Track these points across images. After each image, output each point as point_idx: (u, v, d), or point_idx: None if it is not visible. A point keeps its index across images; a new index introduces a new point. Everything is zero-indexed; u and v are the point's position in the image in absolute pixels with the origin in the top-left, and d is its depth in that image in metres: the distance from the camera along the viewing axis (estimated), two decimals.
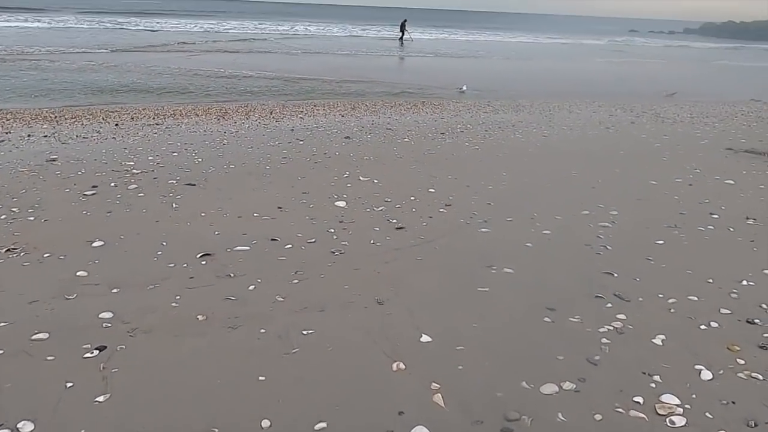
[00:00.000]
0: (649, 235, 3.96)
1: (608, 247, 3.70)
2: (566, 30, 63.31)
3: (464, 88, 14.58)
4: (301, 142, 7.12)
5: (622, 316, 2.75)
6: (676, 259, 3.50)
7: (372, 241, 3.77)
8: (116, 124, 8.21)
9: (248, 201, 4.60)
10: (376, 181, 5.25)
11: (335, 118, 9.43)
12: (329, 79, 15.87)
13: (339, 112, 10.06)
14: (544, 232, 4.00)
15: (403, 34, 33.15)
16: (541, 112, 10.65)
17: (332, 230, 3.97)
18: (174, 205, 4.44)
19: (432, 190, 4.97)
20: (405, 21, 34.21)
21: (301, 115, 9.65)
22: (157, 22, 37.94)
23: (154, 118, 8.86)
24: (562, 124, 9.12)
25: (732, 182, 5.43)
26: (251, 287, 3.05)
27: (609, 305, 2.87)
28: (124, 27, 33.04)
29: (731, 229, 4.08)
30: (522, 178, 5.53)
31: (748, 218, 4.30)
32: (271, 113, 9.79)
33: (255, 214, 4.26)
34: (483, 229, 4.05)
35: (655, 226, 4.13)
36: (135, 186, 4.93)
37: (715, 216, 4.36)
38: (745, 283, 3.14)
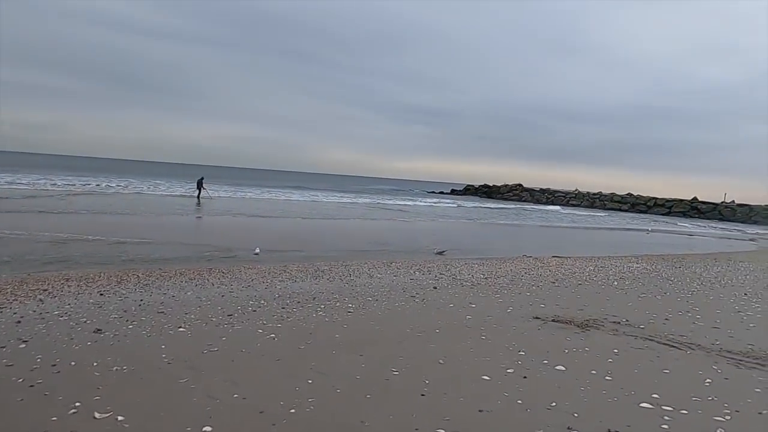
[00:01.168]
0: None
1: None
2: (353, 189, 68.25)
3: (257, 250, 13.42)
4: (24, 345, 5.01)
5: None
6: None
7: None
8: None
9: None
10: (121, 418, 3.48)
11: (91, 297, 7.34)
12: (103, 240, 13.60)
13: (99, 288, 7.95)
14: None
15: (200, 191, 31.75)
16: (342, 278, 9.84)
17: None
18: None
19: (207, 430, 3.37)
20: (202, 178, 33.08)
21: (43, 295, 7.35)
22: None
23: None
24: (366, 294, 8.29)
25: (563, 369, 4.84)
26: None
27: None
28: None
29: None
30: (333, 386, 4.23)
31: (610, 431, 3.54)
32: None
33: None
34: None
35: None
36: None
37: None
38: None
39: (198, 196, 31.38)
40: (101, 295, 7.53)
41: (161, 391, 3.97)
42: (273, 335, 5.67)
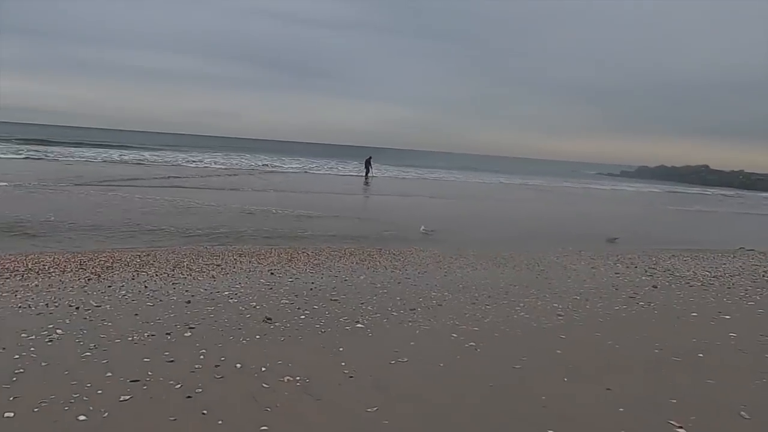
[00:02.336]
0: None
1: None
2: (516, 171, 64.93)
3: (422, 228, 12.44)
4: (189, 333, 4.35)
5: None
6: None
7: None
8: None
9: None
10: None
11: (261, 276, 6.76)
12: (280, 213, 14.34)
13: (269, 266, 7.41)
14: None
15: (368, 170, 31.97)
16: (529, 267, 8.32)
17: None
18: None
19: None
20: (370, 158, 33.20)
21: (215, 271, 6.96)
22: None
23: None
24: (568, 290, 6.70)
25: None
26: None
27: None
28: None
29: None
30: None
31: None
32: (175, 268, 7.06)
33: None
34: None
35: None
36: None
37: None
38: None
39: (366, 176, 31.52)
40: (272, 274, 6.92)
41: (346, 425, 2.88)
42: (473, 344, 4.39)
